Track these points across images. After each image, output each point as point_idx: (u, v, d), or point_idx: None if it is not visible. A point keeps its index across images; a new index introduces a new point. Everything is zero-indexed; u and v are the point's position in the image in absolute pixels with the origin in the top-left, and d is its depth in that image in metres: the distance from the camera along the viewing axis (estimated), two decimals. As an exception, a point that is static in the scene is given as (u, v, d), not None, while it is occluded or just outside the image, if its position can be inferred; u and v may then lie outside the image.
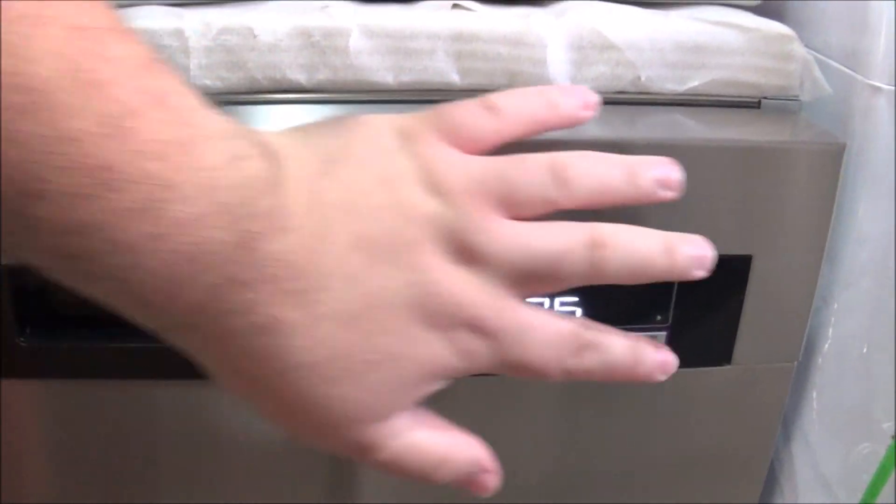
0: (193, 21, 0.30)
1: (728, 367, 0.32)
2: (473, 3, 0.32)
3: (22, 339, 0.31)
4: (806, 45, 0.34)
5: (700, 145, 0.29)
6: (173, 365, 0.30)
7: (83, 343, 0.32)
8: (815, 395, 0.36)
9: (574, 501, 0.38)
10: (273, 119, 0.30)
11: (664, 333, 0.31)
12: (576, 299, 0.30)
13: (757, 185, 0.30)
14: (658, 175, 0.23)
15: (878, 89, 0.32)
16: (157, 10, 0.32)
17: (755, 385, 0.33)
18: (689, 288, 0.31)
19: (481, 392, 0.34)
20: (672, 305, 0.30)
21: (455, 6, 0.31)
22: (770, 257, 0.31)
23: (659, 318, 0.31)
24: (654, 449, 0.35)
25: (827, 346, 0.35)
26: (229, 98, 0.31)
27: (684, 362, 0.32)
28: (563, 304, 0.30)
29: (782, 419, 0.36)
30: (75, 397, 0.32)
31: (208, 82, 0.30)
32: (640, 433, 0.35)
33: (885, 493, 0.36)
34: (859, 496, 0.36)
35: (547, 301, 0.30)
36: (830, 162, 0.30)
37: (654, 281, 0.23)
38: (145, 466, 0.35)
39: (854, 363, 0.34)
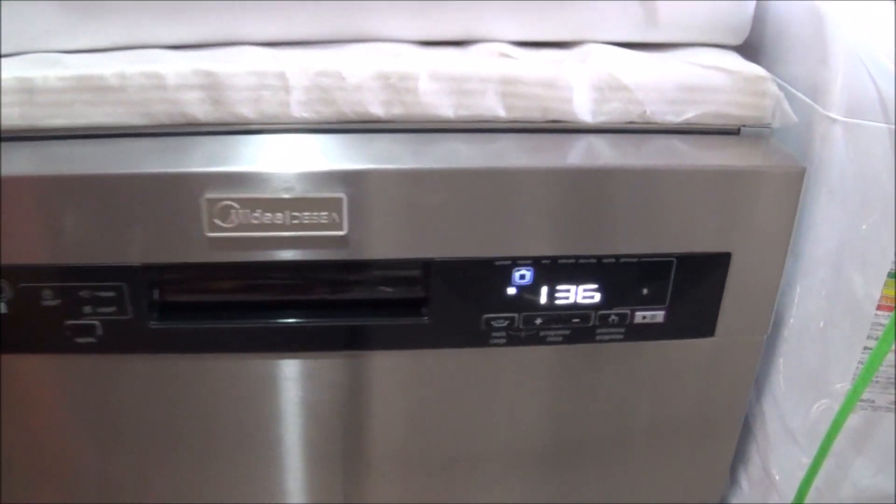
0: (293, 65, 0.43)
1: (712, 338, 0.47)
2: (515, 49, 0.45)
3: (152, 322, 0.44)
4: (778, 76, 0.48)
5: (691, 169, 0.43)
6: (268, 340, 0.44)
7: (200, 324, 0.45)
8: (781, 361, 0.50)
9: (574, 461, 0.51)
10: (358, 146, 0.43)
11: (663, 312, 0.45)
12: (596, 286, 0.44)
13: (735, 198, 0.44)
14: None
15: (834, 120, 0.46)
16: (258, 51, 0.44)
17: (733, 353, 0.48)
18: (682, 277, 0.45)
19: (478, 368, 0.47)
20: (669, 291, 0.44)
21: (502, 55, 0.44)
22: (746, 253, 0.45)
23: (659, 300, 0.45)
24: (647, 409, 0.50)
25: (791, 322, 0.49)
26: (322, 127, 0.43)
27: (677, 334, 0.46)
28: (585, 290, 0.44)
29: (755, 382, 0.51)
30: (194, 369, 0.45)
31: (305, 115, 0.43)
32: (634, 396, 0.49)
33: (840, 441, 0.51)
34: (818, 444, 0.50)
35: (572, 287, 0.44)
36: (793, 182, 0.44)
37: None
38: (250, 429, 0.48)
39: (813, 336, 0.49)
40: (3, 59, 0.46)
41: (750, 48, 0.51)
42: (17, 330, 0.44)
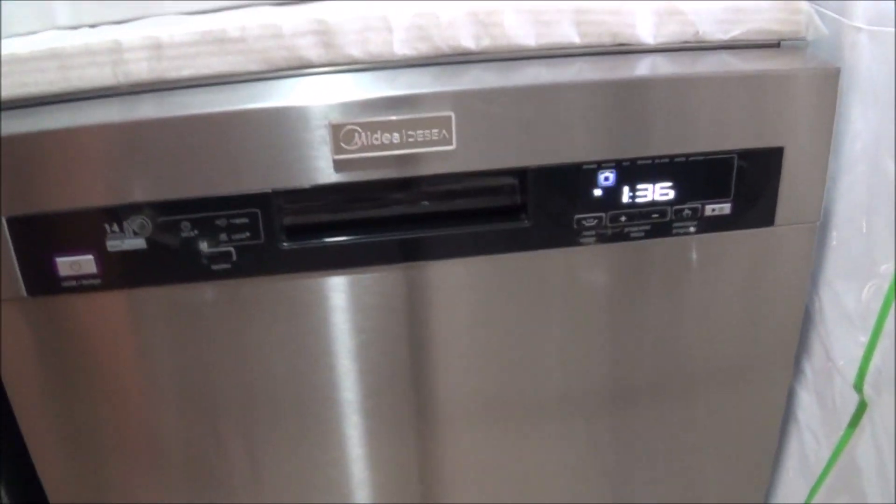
0: (394, 9, 0.53)
1: (772, 227, 0.57)
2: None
3: (284, 244, 0.53)
4: None
5: (743, 74, 0.53)
6: (387, 253, 0.53)
7: (329, 242, 0.54)
8: (833, 250, 0.61)
9: (653, 364, 0.61)
10: (455, 75, 0.53)
11: (729, 204, 0.55)
12: (670, 184, 0.54)
13: (782, 98, 0.54)
14: None
15: (859, 29, 0.57)
16: (357, 1, 0.54)
17: (791, 241, 0.58)
18: (744, 172, 0.55)
19: (569, 268, 0.57)
20: (733, 184, 0.55)
21: (572, -12, 0.54)
22: (796, 147, 0.55)
23: (725, 194, 0.55)
24: (720, 301, 0.60)
25: (838, 213, 0.60)
26: (421, 62, 0.53)
27: (743, 224, 0.56)
28: (662, 188, 0.54)
29: (812, 275, 0.61)
30: (323, 286, 0.55)
31: (406, 52, 0.53)
32: (707, 289, 0.60)
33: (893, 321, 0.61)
34: (872, 322, 0.60)
35: (650, 186, 0.54)
36: (830, 81, 0.55)
37: None
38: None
39: (858, 223, 0.59)
40: (127, 24, 0.56)
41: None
42: (158, 263, 0.53)
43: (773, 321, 0.62)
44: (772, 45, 0.57)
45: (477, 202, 0.54)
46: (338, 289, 0.56)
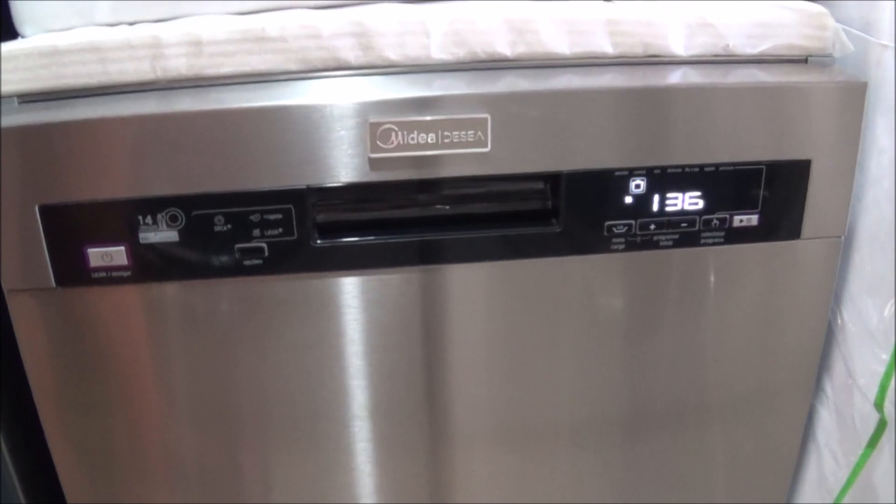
0: (432, 14, 0.55)
1: (798, 240, 0.59)
2: (615, -5, 0.58)
3: (317, 241, 0.55)
4: (835, 18, 0.62)
5: (773, 86, 0.56)
6: (418, 253, 0.55)
7: (361, 240, 0.56)
8: (857, 267, 0.63)
9: (677, 375, 0.63)
10: (490, 79, 0.55)
11: (756, 216, 0.57)
12: (699, 193, 0.56)
13: (810, 111, 0.57)
14: None
15: (885, 46, 0.60)
16: (396, 6, 0.57)
17: (816, 254, 0.60)
18: (772, 183, 0.57)
19: (598, 276, 0.59)
20: (761, 196, 0.57)
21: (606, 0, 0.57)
22: (823, 160, 0.57)
23: (753, 205, 0.57)
24: (743, 313, 0.62)
25: (863, 229, 0.62)
26: (456, 67, 0.55)
27: (770, 236, 0.58)
28: (691, 197, 0.56)
29: (835, 292, 0.63)
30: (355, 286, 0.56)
31: (443, 56, 0.55)
32: (732, 300, 0.61)
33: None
34: (894, 340, 0.62)
35: (680, 195, 0.55)
36: (857, 95, 0.57)
37: None
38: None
39: (882, 241, 0.61)
40: (167, 22, 0.58)
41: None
42: (189, 256, 0.55)
43: (795, 337, 0.63)
44: (799, 60, 0.60)
45: (509, 205, 0.56)
46: (368, 289, 0.57)
